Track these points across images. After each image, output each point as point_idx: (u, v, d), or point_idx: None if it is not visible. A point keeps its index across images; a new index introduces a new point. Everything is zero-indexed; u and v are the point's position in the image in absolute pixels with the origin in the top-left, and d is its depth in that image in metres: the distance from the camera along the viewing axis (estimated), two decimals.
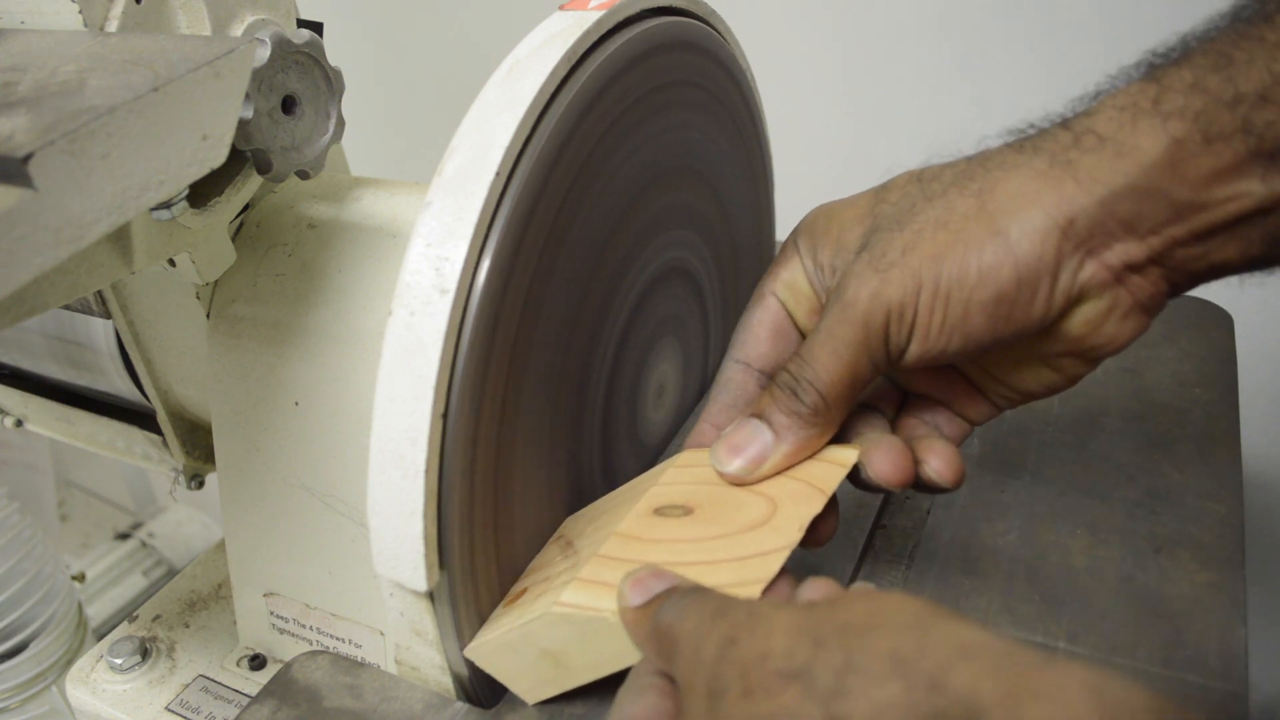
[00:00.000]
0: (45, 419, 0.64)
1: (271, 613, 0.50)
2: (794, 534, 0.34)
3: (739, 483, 0.38)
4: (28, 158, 0.26)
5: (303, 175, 0.45)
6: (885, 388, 0.43)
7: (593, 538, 0.39)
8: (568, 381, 0.42)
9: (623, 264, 0.44)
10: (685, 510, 0.38)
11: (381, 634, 0.47)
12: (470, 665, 0.38)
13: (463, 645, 0.38)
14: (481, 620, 0.39)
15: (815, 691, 0.23)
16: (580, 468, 0.44)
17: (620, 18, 0.40)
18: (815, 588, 0.31)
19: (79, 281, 0.38)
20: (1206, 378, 0.54)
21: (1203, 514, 0.45)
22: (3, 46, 0.36)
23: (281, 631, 0.50)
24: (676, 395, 0.52)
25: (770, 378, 0.40)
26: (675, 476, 0.40)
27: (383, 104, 1.06)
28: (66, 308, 0.53)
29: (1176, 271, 0.34)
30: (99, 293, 0.51)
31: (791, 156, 0.74)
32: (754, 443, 0.38)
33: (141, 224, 0.40)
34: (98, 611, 1.04)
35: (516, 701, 0.38)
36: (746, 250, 0.57)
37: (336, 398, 0.45)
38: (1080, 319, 0.36)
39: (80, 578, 1.04)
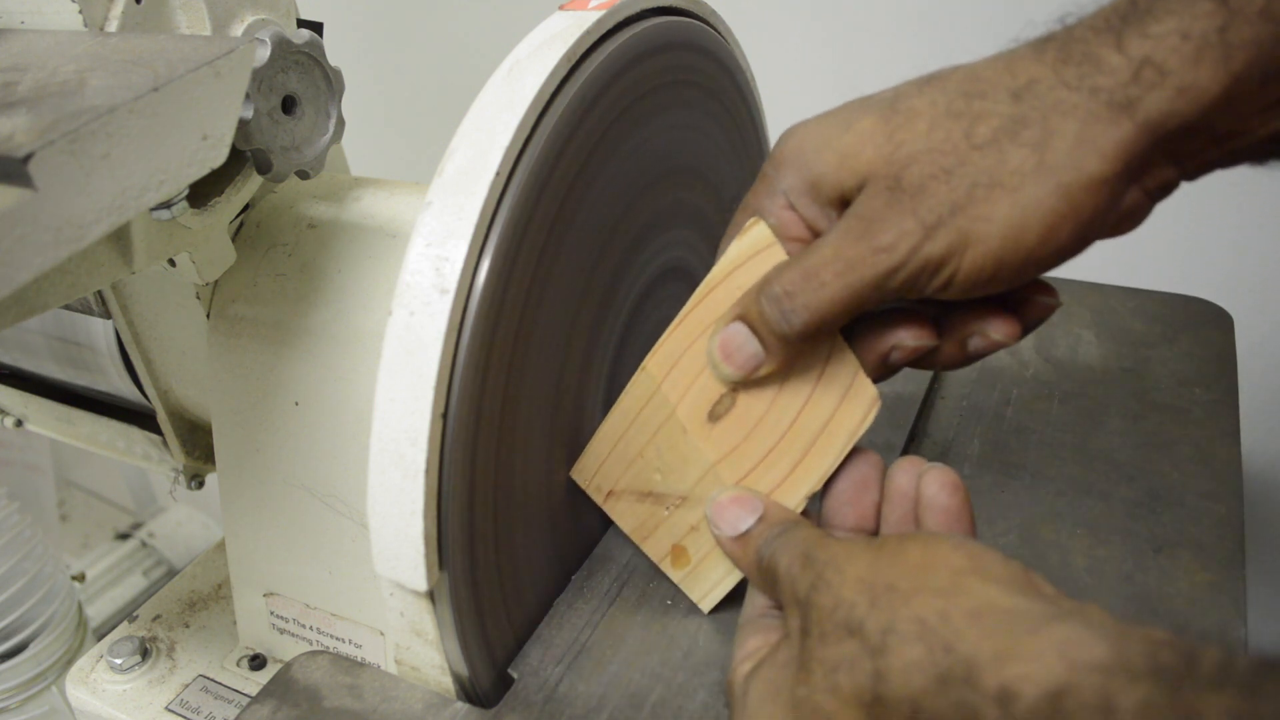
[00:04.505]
0: (45, 419, 0.64)
1: (271, 613, 0.50)
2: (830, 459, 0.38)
3: (736, 384, 0.39)
4: (28, 158, 0.26)
5: (303, 175, 0.45)
6: None
7: (677, 474, 0.41)
8: (568, 380, 0.42)
9: (623, 263, 0.44)
10: (731, 400, 0.39)
11: (381, 634, 0.47)
12: (470, 665, 0.38)
13: (463, 645, 0.38)
14: (482, 620, 0.39)
15: (867, 646, 0.28)
16: None
17: (620, 18, 0.40)
18: (902, 470, 0.36)
19: (79, 281, 0.38)
20: (1206, 378, 0.54)
21: (1203, 514, 0.45)
22: (3, 46, 0.36)
23: (281, 631, 0.50)
24: None
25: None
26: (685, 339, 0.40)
27: (383, 104, 1.06)
28: (66, 308, 0.53)
29: (1195, 173, 0.34)
30: (99, 293, 0.51)
31: None
32: (743, 351, 0.37)
33: (141, 224, 0.40)
34: (98, 611, 1.04)
35: (516, 701, 0.38)
36: None
37: (336, 398, 0.45)
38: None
39: (80, 578, 1.04)
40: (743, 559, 0.37)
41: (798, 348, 0.36)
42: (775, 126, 0.59)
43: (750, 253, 0.38)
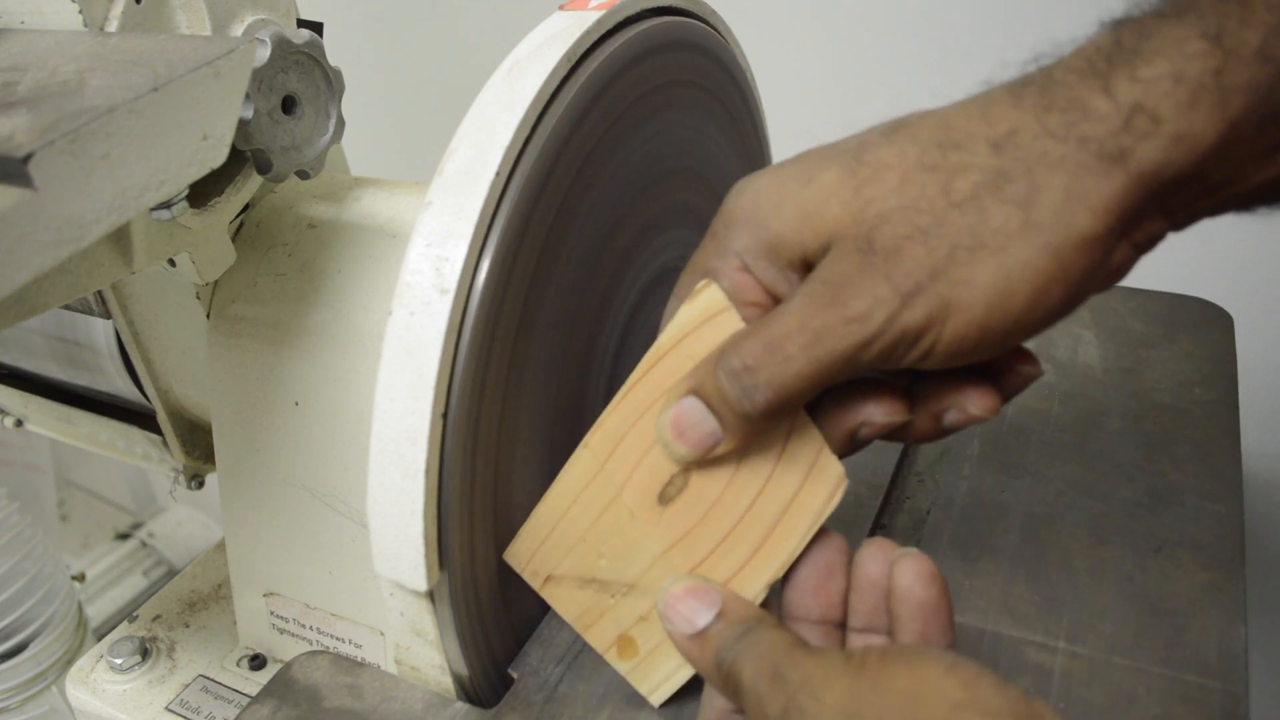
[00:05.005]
0: (45, 419, 0.64)
1: (271, 613, 0.50)
2: (785, 556, 0.35)
3: (689, 464, 0.35)
4: (28, 158, 0.26)
5: (303, 175, 0.45)
6: None
7: (624, 560, 0.37)
8: (568, 381, 0.42)
9: (623, 264, 0.44)
10: (683, 481, 0.36)
11: (381, 634, 0.47)
12: (470, 665, 0.38)
13: (463, 645, 0.38)
14: (482, 620, 0.39)
15: None
16: None
17: (620, 18, 0.40)
18: (871, 557, 0.33)
19: (79, 281, 0.38)
20: (1206, 378, 0.54)
21: (1203, 514, 0.45)
22: (3, 46, 0.36)
23: (281, 631, 0.50)
24: None
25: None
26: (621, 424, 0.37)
27: (383, 104, 1.06)
28: (66, 308, 0.53)
29: (1184, 224, 0.31)
30: (99, 293, 0.51)
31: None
32: (698, 429, 0.34)
33: (141, 224, 0.40)
34: (98, 611, 1.04)
35: (516, 701, 0.38)
36: None
37: (336, 398, 0.45)
38: None
39: (80, 578, 1.04)
40: (700, 660, 0.33)
41: (759, 426, 0.33)
42: (775, 126, 0.59)
43: (702, 318, 0.34)
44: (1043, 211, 0.30)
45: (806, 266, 0.33)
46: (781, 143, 0.63)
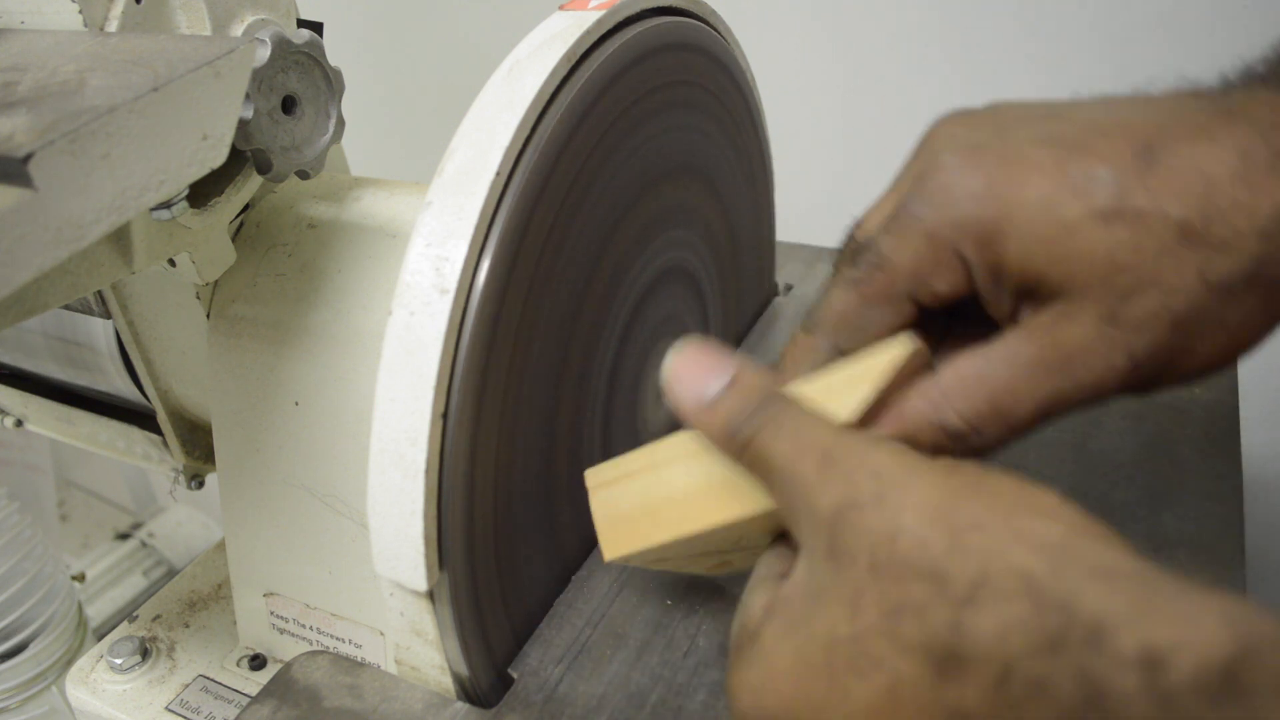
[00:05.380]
0: (45, 419, 0.64)
1: (271, 613, 0.50)
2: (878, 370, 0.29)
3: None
4: (28, 158, 0.26)
5: (303, 175, 0.45)
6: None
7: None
8: (568, 381, 0.42)
9: (623, 264, 0.44)
10: None
11: (381, 634, 0.47)
12: (470, 665, 0.38)
13: (463, 645, 0.38)
14: (482, 620, 0.39)
15: (947, 594, 0.23)
16: (580, 468, 0.44)
17: (620, 18, 0.40)
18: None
19: (79, 281, 0.38)
20: (1206, 378, 0.54)
21: (1203, 514, 0.45)
22: (3, 46, 0.36)
23: (281, 631, 0.50)
24: None
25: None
26: None
27: (383, 104, 1.06)
28: (66, 308, 0.53)
29: None
30: (99, 293, 0.51)
31: (791, 156, 0.74)
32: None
33: (141, 224, 0.40)
34: (98, 611, 1.04)
35: (516, 701, 0.38)
36: (747, 250, 0.57)
37: (336, 398, 0.45)
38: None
39: (80, 578, 1.04)
40: (714, 431, 0.30)
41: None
42: (775, 126, 0.59)
43: (882, 378, 0.29)
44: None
45: (1028, 295, 0.28)
46: (781, 143, 0.63)
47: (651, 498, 0.33)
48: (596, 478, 0.35)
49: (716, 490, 0.31)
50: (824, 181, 0.85)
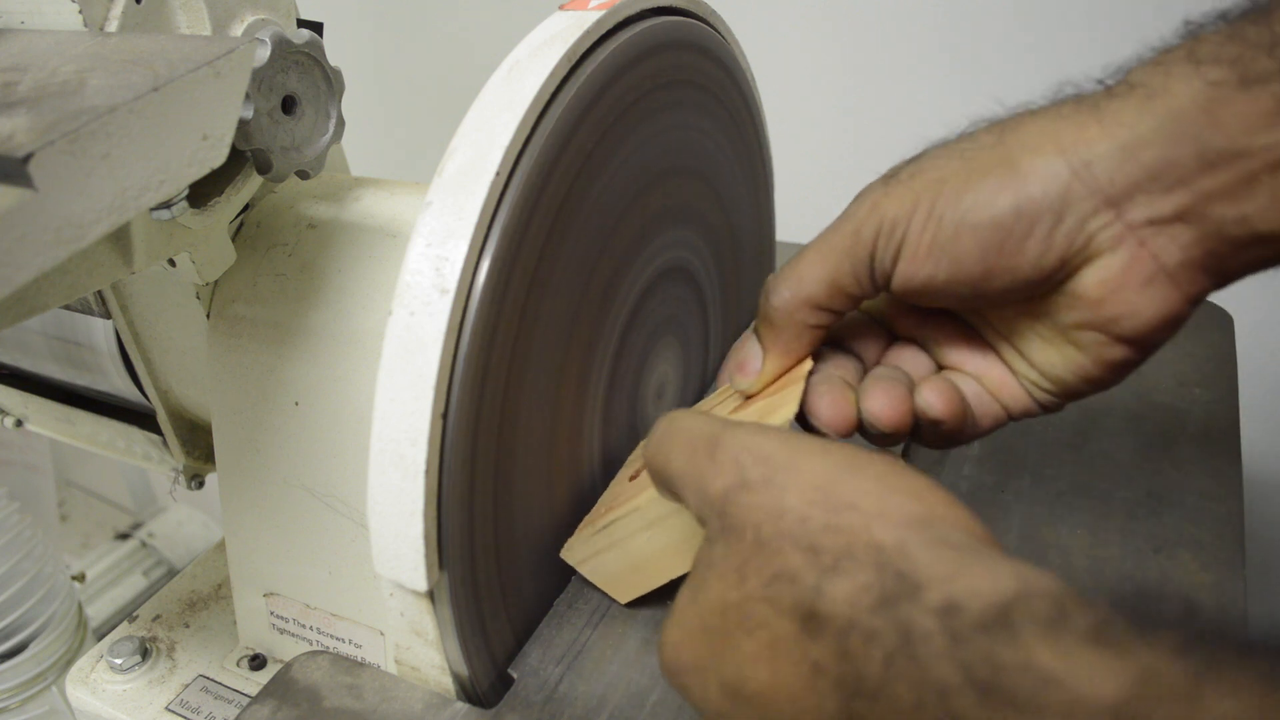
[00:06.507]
0: (45, 419, 0.64)
1: (271, 613, 0.50)
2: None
3: (748, 396, 0.39)
4: (28, 158, 0.26)
5: (303, 175, 0.45)
6: (870, 330, 0.41)
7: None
8: (568, 381, 0.42)
9: (623, 264, 0.44)
10: None
11: (381, 634, 0.47)
12: (470, 665, 0.38)
13: (463, 645, 0.38)
14: (482, 620, 0.39)
15: (817, 564, 0.27)
16: (580, 467, 0.44)
17: (620, 18, 0.40)
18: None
19: (79, 281, 0.38)
20: (1206, 378, 0.54)
21: (1203, 514, 0.45)
22: (3, 46, 0.36)
23: (281, 631, 0.50)
24: (676, 395, 0.52)
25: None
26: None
27: (383, 104, 1.06)
28: (66, 308, 0.53)
29: (1212, 237, 0.31)
30: (99, 293, 0.51)
31: (791, 156, 0.74)
32: (749, 355, 0.39)
33: (141, 224, 0.40)
34: (98, 611, 1.04)
35: (516, 701, 0.38)
36: (747, 250, 0.57)
37: (336, 398, 0.45)
38: (1093, 278, 0.33)
39: (80, 578, 1.04)
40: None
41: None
42: (775, 126, 0.59)
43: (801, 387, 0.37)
44: (1015, 137, 0.34)
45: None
46: (781, 143, 0.63)
47: (633, 559, 0.40)
48: (573, 556, 0.42)
49: (677, 544, 0.38)
50: (824, 181, 0.85)
